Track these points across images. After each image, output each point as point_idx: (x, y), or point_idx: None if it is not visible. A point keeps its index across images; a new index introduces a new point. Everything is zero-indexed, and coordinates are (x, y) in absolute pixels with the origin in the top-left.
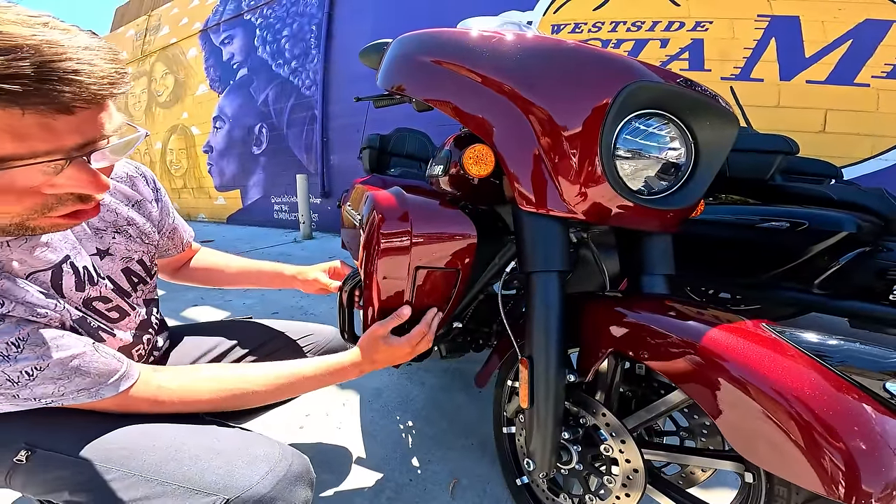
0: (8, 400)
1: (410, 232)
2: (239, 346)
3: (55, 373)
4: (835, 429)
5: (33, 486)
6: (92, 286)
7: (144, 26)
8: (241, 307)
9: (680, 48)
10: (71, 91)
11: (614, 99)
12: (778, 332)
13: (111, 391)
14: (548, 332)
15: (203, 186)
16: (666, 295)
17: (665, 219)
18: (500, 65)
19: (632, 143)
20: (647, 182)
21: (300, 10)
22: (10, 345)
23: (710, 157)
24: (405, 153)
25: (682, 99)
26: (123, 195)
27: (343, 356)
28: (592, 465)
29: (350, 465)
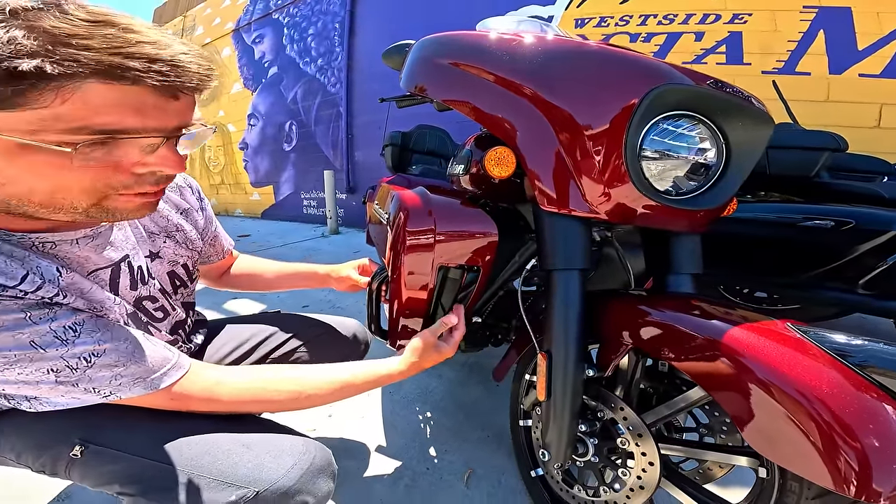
0: (67, 389)
1: (434, 230)
2: (271, 338)
3: (111, 359)
4: (850, 426)
5: (89, 478)
6: (143, 285)
7: (181, 27)
8: (274, 299)
9: (716, 41)
10: (181, 79)
11: (640, 101)
12: (802, 331)
13: (166, 381)
14: (567, 328)
15: (239, 182)
16: (691, 294)
17: (693, 219)
18: (520, 67)
19: (659, 144)
20: (675, 182)
21: (324, 9)
22: (68, 328)
23: (742, 157)
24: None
25: (712, 100)
26: (173, 203)
27: (391, 364)
28: (608, 457)
29: (371, 453)
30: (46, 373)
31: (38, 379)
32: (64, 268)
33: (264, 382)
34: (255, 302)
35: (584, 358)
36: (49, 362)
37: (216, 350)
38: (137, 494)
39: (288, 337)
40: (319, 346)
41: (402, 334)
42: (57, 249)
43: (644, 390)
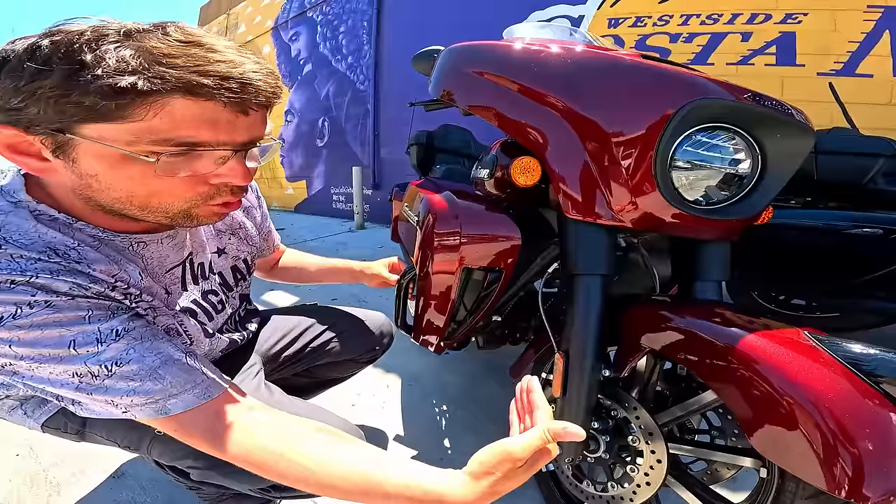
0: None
1: (460, 232)
2: (310, 329)
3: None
4: (849, 432)
5: (167, 453)
6: (204, 280)
7: (224, 24)
8: (306, 292)
9: (766, 42)
10: (250, 96)
11: (673, 115)
12: (818, 339)
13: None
14: (587, 331)
15: (276, 177)
16: (713, 301)
17: (723, 228)
18: (548, 79)
19: (692, 155)
20: (706, 192)
21: (353, 7)
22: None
23: (779, 168)
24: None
25: (750, 114)
26: None
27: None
28: (619, 455)
29: (389, 441)
30: (71, 376)
31: (63, 381)
32: (145, 271)
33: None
34: (290, 294)
35: (602, 359)
36: (75, 365)
37: (265, 339)
38: (205, 468)
39: (324, 328)
40: (349, 338)
41: (426, 330)
42: (147, 249)
43: (661, 392)
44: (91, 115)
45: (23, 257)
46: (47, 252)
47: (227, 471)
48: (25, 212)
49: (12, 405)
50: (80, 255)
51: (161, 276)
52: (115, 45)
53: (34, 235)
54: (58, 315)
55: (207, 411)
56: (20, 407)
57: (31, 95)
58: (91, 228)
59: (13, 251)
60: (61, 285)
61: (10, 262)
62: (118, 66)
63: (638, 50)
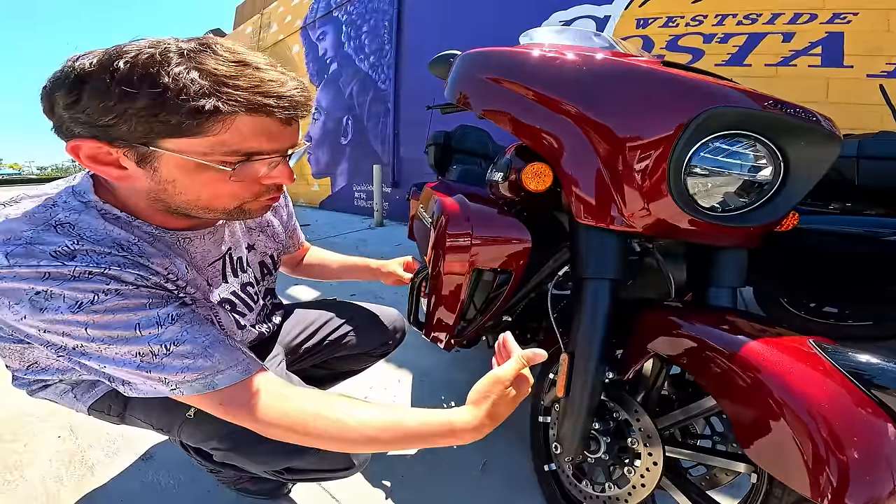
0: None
1: (471, 234)
2: (329, 323)
3: (186, 349)
4: (838, 441)
5: (194, 435)
6: (242, 273)
7: (258, 24)
8: (327, 287)
9: (810, 42)
10: (297, 111)
11: (689, 123)
12: (822, 348)
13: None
14: (593, 334)
15: (304, 174)
16: (724, 308)
17: (742, 235)
18: (562, 86)
19: (710, 162)
20: (724, 199)
21: (375, 6)
22: (169, 316)
23: (802, 175)
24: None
25: (772, 121)
26: None
27: (459, 416)
28: (618, 456)
29: None
30: (134, 356)
31: (126, 360)
32: (190, 264)
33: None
34: (312, 289)
35: (606, 361)
36: (139, 345)
37: (288, 332)
38: (227, 449)
39: (341, 322)
40: (364, 332)
41: (437, 327)
42: (192, 245)
43: (668, 396)
44: (174, 131)
45: (96, 252)
46: (115, 247)
47: (247, 452)
48: (94, 211)
49: (64, 389)
50: (140, 249)
51: (204, 269)
52: (183, 68)
53: (103, 233)
54: (126, 301)
55: (249, 385)
56: (71, 391)
57: (121, 114)
58: (147, 226)
59: (88, 247)
60: (128, 276)
61: (85, 257)
62: (197, 90)
63: (668, 51)
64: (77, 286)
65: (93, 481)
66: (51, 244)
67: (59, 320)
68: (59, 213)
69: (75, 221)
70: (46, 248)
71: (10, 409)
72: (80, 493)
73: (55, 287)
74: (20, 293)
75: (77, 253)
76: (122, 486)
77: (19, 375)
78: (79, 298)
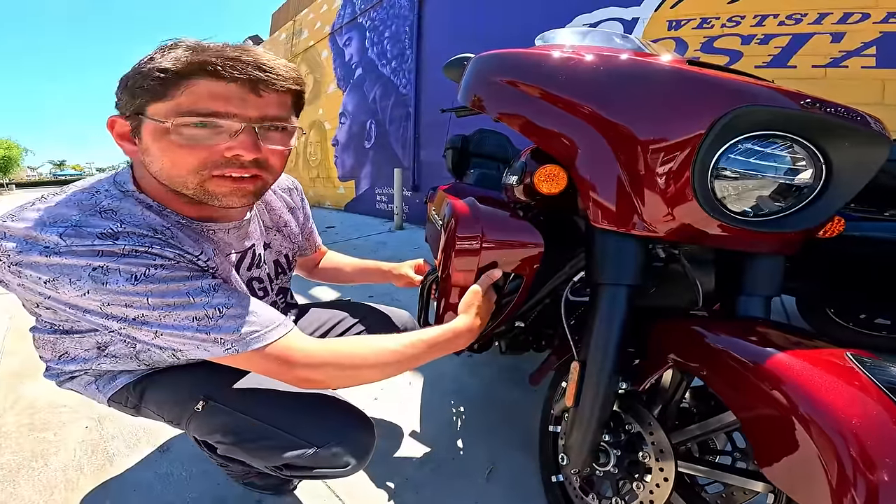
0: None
1: (481, 237)
2: (342, 322)
3: (237, 311)
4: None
5: (201, 428)
6: (257, 268)
7: (291, 30)
8: (347, 288)
9: (863, 42)
10: (258, 76)
11: (715, 122)
12: (861, 362)
13: (272, 336)
14: (607, 342)
15: (330, 177)
16: (750, 318)
17: (778, 241)
18: (577, 87)
19: (740, 164)
20: (757, 203)
21: (396, 13)
22: (212, 286)
23: (846, 178)
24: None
25: (809, 121)
26: (285, 202)
27: (457, 322)
28: (628, 470)
29: (405, 437)
30: (192, 320)
31: (185, 325)
32: (216, 251)
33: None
34: (332, 290)
35: (620, 371)
36: (195, 310)
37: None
38: (231, 444)
39: (354, 322)
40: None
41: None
42: (216, 235)
43: (688, 410)
44: (148, 97)
45: (136, 234)
46: (152, 231)
47: (248, 447)
48: (133, 199)
49: (88, 380)
50: (172, 234)
51: (225, 259)
52: (180, 48)
53: (140, 218)
54: (173, 273)
55: (297, 337)
56: (94, 382)
57: (122, 87)
58: (175, 215)
59: (130, 229)
60: (168, 253)
61: (128, 238)
62: (168, 58)
63: (703, 53)
64: (129, 261)
65: (111, 470)
66: (97, 226)
67: (122, 291)
68: (102, 200)
69: (117, 208)
70: (93, 230)
71: (45, 401)
72: (97, 481)
73: (110, 262)
74: (78, 269)
75: (120, 234)
76: (138, 476)
77: (51, 366)
78: (133, 272)
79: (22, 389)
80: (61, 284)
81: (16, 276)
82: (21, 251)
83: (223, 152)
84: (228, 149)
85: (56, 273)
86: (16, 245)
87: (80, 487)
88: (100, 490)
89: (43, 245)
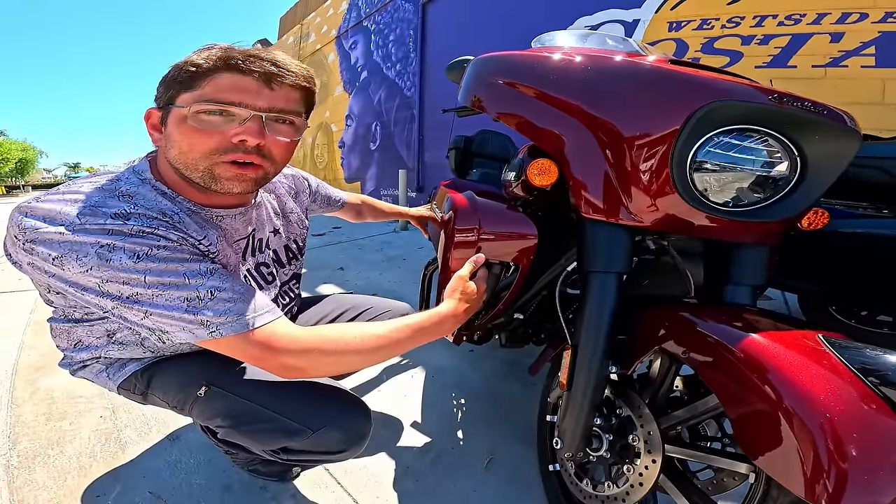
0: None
1: (478, 229)
2: (345, 314)
3: (227, 295)
4: (837, 440)
5: (203, 413)
6: (260, 254)
7: (299, 34)
8: (352, 286)
9: (861, 42)
10: (273, 70)
11: (690, 117)
12: (832, 343)
13: (260, 321)
14: (598, 327)
15: (337, 178)
16: (735, 305)
17: (761, 230)
18: (566, 85)
19: (719, 157)
20: (737, 194)
21: (400, 16)
22: (209, 270)
23: (821, 170)
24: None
25: (780, 115)
26: (288, 189)
27: (441, 308)
28: (619, 454)
29: (406, 428)
30: (182, 301)
31: (175, 305)
32: (220, 237)
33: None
34: (336, 286)
35: (610, 356)
36: (187, 291)
37: (305, 321)
38: (230, 427)
39: (356, 315)
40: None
41: None
42: (223, 222)
43: (680, 396)
44: (179, 87)
45: (146, 216)
46: (161, 214)
47: (246, 430)
48: (149, 185)
49: (99, 369)
50: (179, 218)
51: (231, 245)
52: (213, 49)
53: (153, 203)
54: (174, 254)
55: (282, 323)
56: (105, 370)
57: (161, 81)
58: (186, 202)
59: (141, 212)
60: (172, 235)
61: (138, 219)
62: (201, 56)
63: (703, 54)
64: (135, 241)
65: (122, 458)
66: (112, 207)
67: (123, 268)
68: (122, 185)
69: (134, 193)
70: (108, 210)
71: (63, 391)
72: (108, 468)
73: (118, 241)
74: (86, 247)
75: (131, 216)
76: (147, 463)
77: (66, 354)
78: (137, 251)
79: (41, 381)
80: (68, 261)
81: (27, 255)
82: (38, 228)
83: (231, 138)
84: (235, 134)
85: (65, 249)
86: (34, 223)
87: (92, 473)
88: (111, 476)
89: (59, 221)
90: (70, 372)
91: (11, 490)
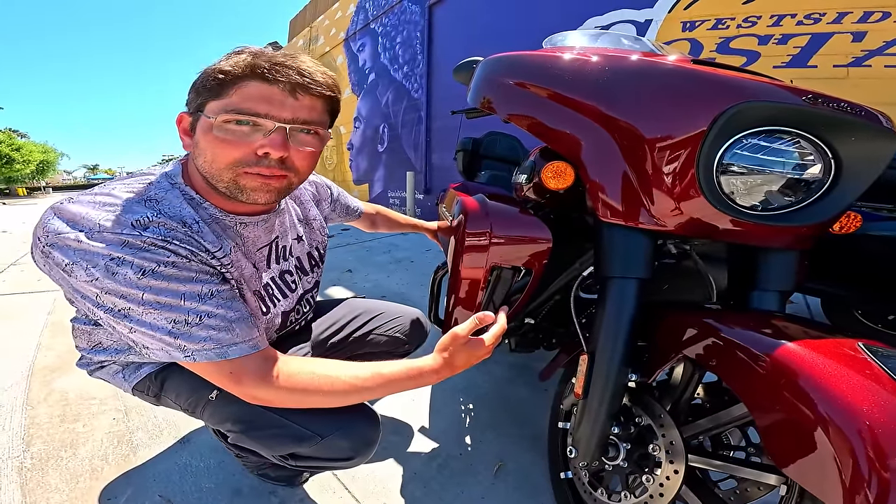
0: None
1: (490, 233)
2: (356, 319)
3: (214, 322)
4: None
5: (213, 416)
6: (284, 261)
7: (308, 37)
8: (361, 290)
9: (885, 42)
10: (298, 80)
11: (716, 118)
12: (873, 351)
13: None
14: (616, 333)
15: (346, 180)
16: (761, 311)
17: (791, 235)
18: (583, 86)
19: (747, 160)
20: (766, 198)
21: (407, 18)
22: (211, 292)
23: (856, 173)
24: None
25: (811, 116)
26: (312, 195)
27: (424, 362)
28: (638, 464)
29: (414, 433)
30: (169, 322)
31: (160, 326)
32: (237, 247)
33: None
34: (345, 289)
35: (629, 363)
36: (178, 313)
37: (316, 326)
38: (240, 432)
39: (367, 320)
40: (388, 330)
41: (454, 325)
42: (246, 229)
43: (702, 404)
44: (208, 96)
45: (165, 226)
46: (181, 223)
47: (256, 435)
48: (178, 191)
49: (116, 370)
50: (198, 227)
51: (252, 254)
52: (242, 55)
53: (178, 210)
54: (178, 273)
55: (257, 357)
56: (121, 371)
57: (192, 86)
58: (212, 208)
59: (163, 220)
60: (182, 251)
61: (156, 228)
62: (229, 62)
63: (719, 54)
64: (145, 255)
65: (133, 460)
66: (136, 213)
67: (125, 282)
68: (152, 190)
69: (161, 199)
70: (130, 218)
71: (77, 392)
72: (120, 471)
73: (129, 255)
74: (98, 257)
75: (150, 224)
76: (158, 466)
77: (85, 355)
78: (144, 266)
79: (56, 382)
80: (77, 269)
81: (44, 258)
82: (60, 232)
83: (256, 150)
84: (260, 146)
85: (78, 258)
86: (58, 225)
87: (104, 476)
88: (122, 479)
89: (80, 227)
90: (87, 372)
91: (24, 493)
